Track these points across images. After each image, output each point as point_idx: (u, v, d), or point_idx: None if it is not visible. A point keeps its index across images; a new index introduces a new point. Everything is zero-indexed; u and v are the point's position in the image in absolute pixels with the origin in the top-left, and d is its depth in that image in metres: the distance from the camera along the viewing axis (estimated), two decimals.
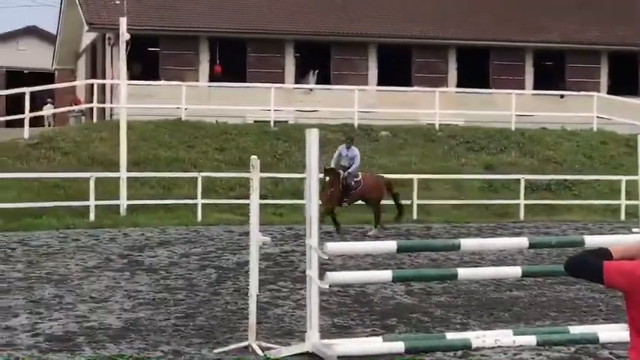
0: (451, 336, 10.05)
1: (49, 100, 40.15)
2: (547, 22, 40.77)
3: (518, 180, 28.54)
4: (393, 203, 23.49)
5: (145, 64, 36.74)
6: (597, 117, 36.28)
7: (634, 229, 9.73)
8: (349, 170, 22.71)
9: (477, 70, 38.97)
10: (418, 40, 38.90)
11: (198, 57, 37.73)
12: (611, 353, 10.05)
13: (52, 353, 9.80)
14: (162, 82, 35.41)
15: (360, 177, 23.01)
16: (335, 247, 9.53)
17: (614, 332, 10.19)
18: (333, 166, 22.91)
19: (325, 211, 21.49)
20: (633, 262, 4.27)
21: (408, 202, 27.07)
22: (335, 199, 22.45)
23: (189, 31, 37.26)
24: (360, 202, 23.41)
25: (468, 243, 9.51)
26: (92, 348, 10.05)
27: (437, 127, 34.73)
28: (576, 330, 10.32)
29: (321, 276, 9.51)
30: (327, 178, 22.12)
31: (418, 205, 27.09)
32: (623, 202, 27.97)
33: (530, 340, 10.02)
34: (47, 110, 38.34)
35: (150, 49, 36.83)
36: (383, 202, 23.28)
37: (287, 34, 38.10)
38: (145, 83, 34.63)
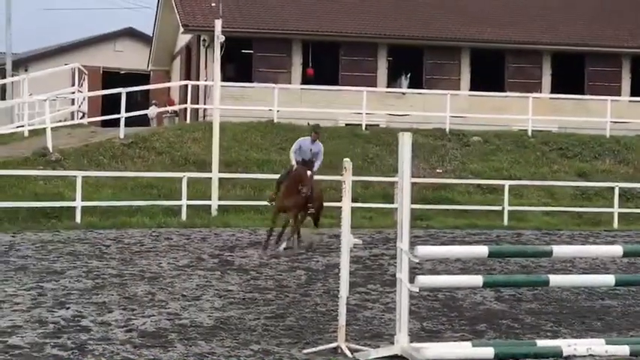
0: (542, 343, 9.94)
1: (154, 101, 40.71)
2: None
3: (613, 188, 28.11)
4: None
5: (238, 66, 37.12)
6: None
7: None
8: (314, 168, 19.08)
9: (571, 76, 38.47)
10: (512, 45, 38.58)
11: (291, 60, 37.94)
12: None
13: (146, 349, 9.95)
14: (255, 84, 35.77)
15: None
16: (426, 250, 9.51)
17: None
18: (293, 161, 19.42)
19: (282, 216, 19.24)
20: None
21: (499, 207, 26.92)
22: (301, 204, 18.99)
23: (282, 33, 37.48)
24: None
25: (560, 250, 9.40)
26: (184, 345, 10.18)
27: (529, 133, 34.39)
28: None
29: (412, 279, 9.51)
30: (293, 176, 18.89)
31: (509, 211, 26.86)
32: None
33: (624, 349, 9.85)
34: (152, 111, 38.91)
35: (243, 51, 37.12)
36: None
37: (379, 38, 38.07)
38: (238, 85, 35.05)
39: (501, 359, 9.42)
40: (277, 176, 21.08)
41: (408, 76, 37.96)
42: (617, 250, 9.53)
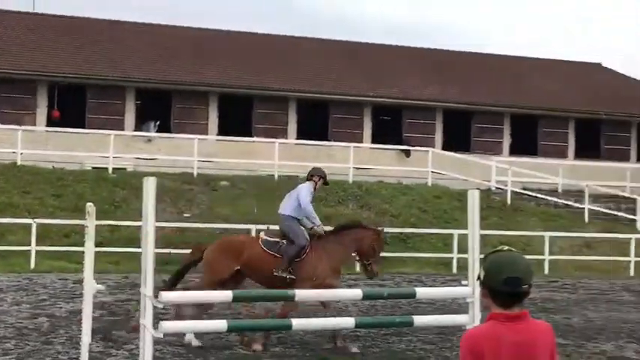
0: None
1: None
2: (386, 78, 41.86)
3: None
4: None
5: None
6: (432, 172, 37.27)
7: (463, 282, 10.04)
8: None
9: (316, 123, 39.53)
10: (259, 90, 39.22)
11: (36, 101, 37.06)
12: None
13: None
14: None
15: None
16: (170, 296, 9.50)
17: None
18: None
19: None
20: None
21: None
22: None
23: (26, 74, 36.57)
24: None
25: (302, 294, 9.62)
26: None
27: (276, 177, 34.99)
28: None
29: (156, 325, 9.44)
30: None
31: None
32: (455, 255, 28.74)
33: None
34: None
35: None
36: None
37: (127, 81, 37.83)
38: None
39: None
40: (20, 220, 20.27)
41: (157, 123, 37.94)
42: (357, 293, 9.83)
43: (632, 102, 44.83)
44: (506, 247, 4.22)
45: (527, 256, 19.95)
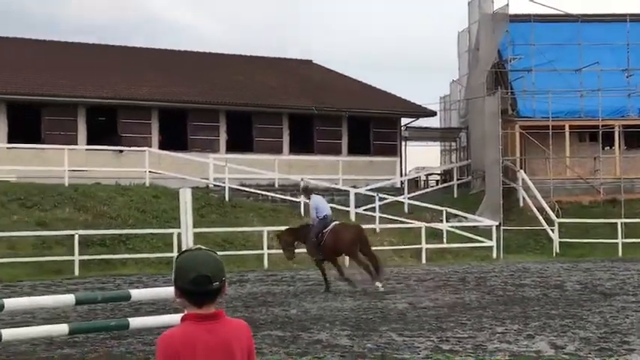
0: None
1: None
2: (98, 78, 41.20)
3: (73, 236, 28.39)
4: None
5: None
6: (149, 172, 37.09)
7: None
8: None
9: (29, 126, 38.34)
10: None
11: None
12: None
13: None
14: None
15: None
16: None
17: None
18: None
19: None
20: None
21: None
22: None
23: None
24: None
25: (12, 303, 9.32)
26: None
27: None
28: None
29: None
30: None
31: None
32: (176, 254, 28.70)
33: None
34: None
35: None
36: None
37: None
38: None
39: None
40: None
41: None
42: (69, 298, 9.65)
43: (342, 97, 46.38)
44: (197, 246, 4.26)
45: (247, 252, 20.47)
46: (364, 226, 25.42)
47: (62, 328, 9.39)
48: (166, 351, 4.04)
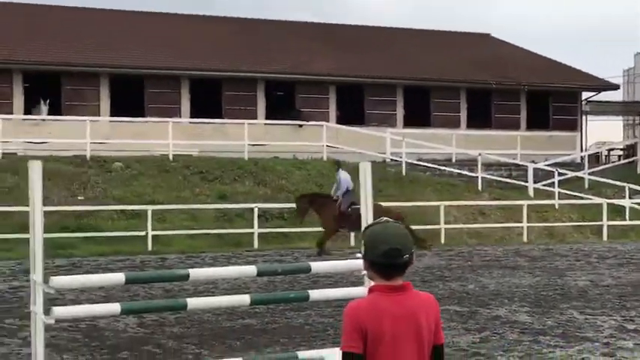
0: None
1: None
2: (278, 54, 41.73)
3: (252, 209, 28.91)
4: None
5: None
6: (327, 146, 37.37)
7: (357, 255, 10.05)
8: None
9: (209, 101, 39.24)
10: (150, 70, 38.74)
11: None
12: None
13: None
14: None
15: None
16: (61, 281, 9.31)
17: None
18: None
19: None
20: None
21: (143, 233, 26.94)
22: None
23: None
24: None
25: (197, 273, 9.51)
26: None
27: (170, 157, 34.68)
28: (305, 354, 10.53)
29: (47, 311, 9.24)
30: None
31: (153, 235, 26.95)
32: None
33: None
34: None
35: None
36: None
37: (14, 64, 37.01)
38: None
39: None
40: None
41: (47, 102, 37.08)
42: (251, 269, 9.77)
43: (520, 70, 45.57)
44: (384, 219, 4.22)
45: (424, 226, 20.41)
46: (542, 202, 24.95)
47: (244, 299, 9.50)
48: (353, 320, 4.03)
